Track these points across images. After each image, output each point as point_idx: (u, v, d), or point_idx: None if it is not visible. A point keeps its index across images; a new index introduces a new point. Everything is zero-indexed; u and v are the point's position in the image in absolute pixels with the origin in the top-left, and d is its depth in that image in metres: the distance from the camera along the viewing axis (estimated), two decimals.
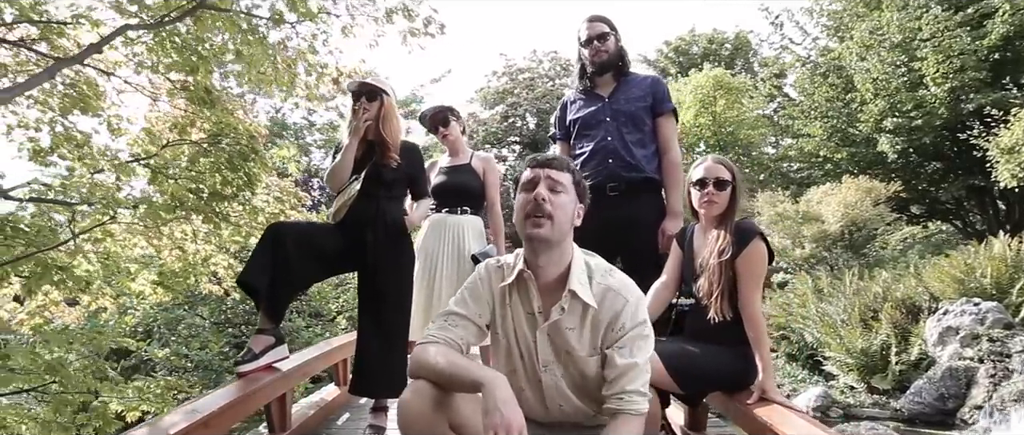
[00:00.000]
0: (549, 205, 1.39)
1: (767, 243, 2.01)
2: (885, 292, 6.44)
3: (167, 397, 3.62)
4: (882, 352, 5.90)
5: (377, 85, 2.52)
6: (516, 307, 1.49)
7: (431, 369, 1.35)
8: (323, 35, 3.25)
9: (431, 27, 3.29)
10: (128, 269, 3.61)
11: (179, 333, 7.03)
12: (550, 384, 1.48)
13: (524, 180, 1.46)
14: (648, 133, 2.62)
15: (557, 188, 1.43)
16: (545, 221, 1.39)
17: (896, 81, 9.68)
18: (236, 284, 2.37)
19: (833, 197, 8.51)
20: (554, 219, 1.39)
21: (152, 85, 3.33)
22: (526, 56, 21.51)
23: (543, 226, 1.39)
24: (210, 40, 2.95)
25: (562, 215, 1.41)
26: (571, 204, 1.44)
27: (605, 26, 2.68)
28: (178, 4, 2.65)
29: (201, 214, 3.23)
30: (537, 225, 1.38)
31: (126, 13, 2.67)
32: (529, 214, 1.40)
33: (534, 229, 1.39)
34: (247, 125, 3.23)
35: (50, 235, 2.63)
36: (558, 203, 1.41)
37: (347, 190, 2.51)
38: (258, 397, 2.14)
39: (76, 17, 2.66)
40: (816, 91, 11.36)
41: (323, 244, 2.45)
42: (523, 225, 1.42)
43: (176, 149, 3.23)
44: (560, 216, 1.40)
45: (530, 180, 1.44)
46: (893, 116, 9.68)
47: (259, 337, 2.30)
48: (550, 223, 1.39)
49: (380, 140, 2.51)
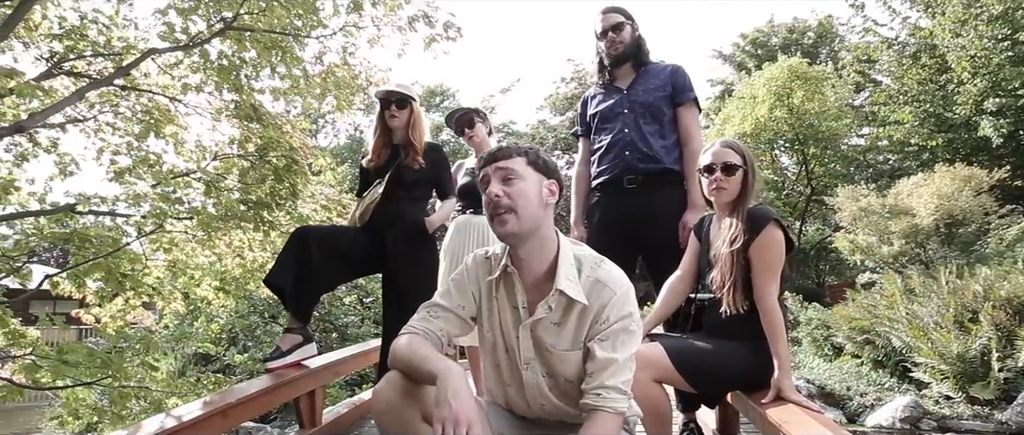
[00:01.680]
0: (506, 198, 1.35)
1: (784, 229, 1.87)
2: (987, 291, 5.73)
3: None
4: (982, 357, 5.25)
5: (407, 93, 2.61)
6: (502, 301, 1.46)
7: (402, 360, 1.35)
8: (353, 48, 3.44)
9: (450, 31, 3.37)
10: (193, 276, 3.96)
11: (259, 339, 7.56)
12: (531, 382, 1.44)
13: (479, 181, 1.43)
14: (667, 123, 2.52)
15: (510, 176, 1.37)
16: (508, 216, 1.35)
17: (998, 57, 8.66)
18: (263, 284, 2.52)
19: (925, 188, 7.72)
20: (517, 210, 1.35)
21: (211, 106, 3.65)
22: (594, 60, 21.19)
23: (508, 222, 1.35)
24: (250, 61, 3.20)
25: (524, 202, 1.36)
26: (533, 186, 1.38)
27: (620, 16, 2.61)
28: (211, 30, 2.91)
29: (250, 223, 3.49)
30: (502, 222, 1.35)
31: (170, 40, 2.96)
32: (492, 215, 1.37)
33: (500, 227, 1.36)
34: (291, 139, 3.46)
35: (113, 245, 2.94)
36: (516, 192, 1.36)
37: (371, 193, 2.61)
38: (285, 391, 2.25)
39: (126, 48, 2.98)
40: (905, 74, 10.40)
41: (346, 246, 2.55)
42: (491, 225, 1.39)
43: (228, 162, 3.52)
44: (522, 204, 1.35)
45: (482, 179, 1.41)
46: (996, 96, 8.66)
47: (288, 336, 2.43)
48: (514, 216, 1.35)
49: (408, 144, 2.60)
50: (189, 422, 1.71)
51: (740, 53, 19.24)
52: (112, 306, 3.73)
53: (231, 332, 7.56)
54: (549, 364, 1.42)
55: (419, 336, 1.42)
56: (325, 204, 4.18)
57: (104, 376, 2.68)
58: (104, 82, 3.07)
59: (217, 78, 3.13)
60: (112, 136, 3.79)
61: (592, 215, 2.61)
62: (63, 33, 3.12)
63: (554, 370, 1.42)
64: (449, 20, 3.35)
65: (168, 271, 3.69)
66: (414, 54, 21.48)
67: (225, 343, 7.54)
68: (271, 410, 5.65)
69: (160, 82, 3.55)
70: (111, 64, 3.29)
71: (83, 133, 3.67)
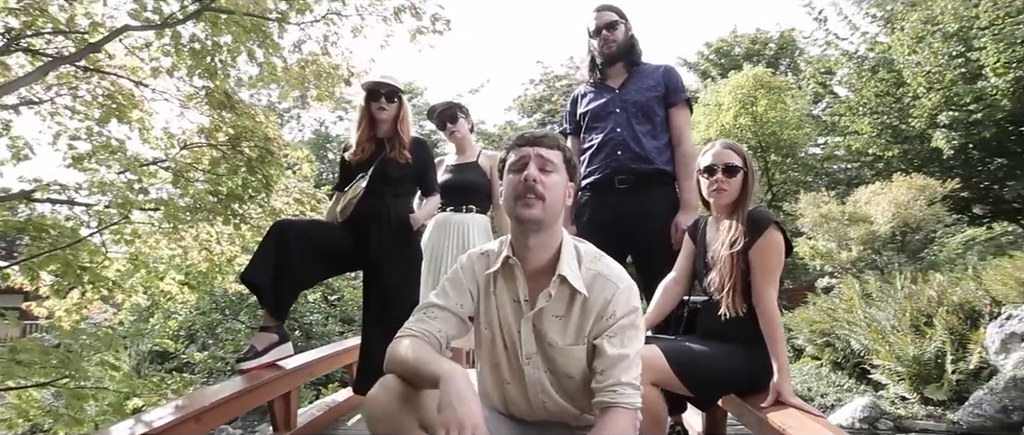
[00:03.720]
0: (541, 186, 1.31)
1: (784, 233, 1.87)
2: (940, 296, 6.00)
3: (184, 392, 3.71)
4: (936, 360, 5.49)
5: (396, 84, 2.52)
6: (501, 295, 1.41)
7: (399, 364, 1.28)
8: (334, 36, 3.31)
9: (438, 24, 3.29)
10: (156, 269, 3.74)
11: (219, 337, 7.27)
12: (533, 378, 1.40)
13: (512, 160, 1.38)
14: (660, 124, 2.51)
15: (548, 167, 1.34)
16: (537, 202, 1.31)
17: (951, 73, 9.11)
18: (239, 280, 2.40)
19: (882, 196, 8.04)
20: (546, 200, 1.31)
21: (179, 92, 3.45)
22: (563, 63, 21.43)
23: (535, 207, 1.31)
24: (225, 46, 3.03)
25: (554, 196, 1.33)
26: (562, 184, 1.36)
27: (614, 15, 2.59)
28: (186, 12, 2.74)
29: (220, 216, 3.32)
30: (528, 205, 1.31)
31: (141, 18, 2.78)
32: (520, 195, 1.32)
33: (526, 209, 1.31)
34: (264, 128, 3.31)
35: (73, 236, 2.75)
36: (550, 184, 1.33)
37: (353, 187, 2.51)
38: (258, 394, 2.13)
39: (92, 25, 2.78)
40: (864, 86, 10.83)
41: (328, 242, 2.45)
42: (513, 206, 1.34)
43: (197, 152, 3.34)
44: (552, 197, 1.32)
45: (519, 160, 1.36)
46: (949, 110, 9.10)
47: (262, 334, 2.31)
48: (542, 204, 1.31)
49: (395, 138, 2.52)
50: (161, 428, 1.59)
51: (704, 61, 19.70)
52: (67, 300, 3.50)
53: (190, 329, 7.25)
54: (551, 359, 1.38)
55: (418, 338, 1.36)
56: (298, 198, 4.03)
57: (61, 376, 2.49)
58: (71, 59, 2.86)
59: (190, 62, 2.95)
60: (71, 120, 3.56)
61: (581, 214, 2.58)
62: (20, 7, 2.89)
63: (556, 366, 1.38)
64: (437, 12, 3.27)
65: (130, 264, 3.48)
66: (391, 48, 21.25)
67: (183, 340, 7.22)
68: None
69: (127, 64, 3.33)
70: (72, 44, 3.07)
71: (38, 116, 3.43)
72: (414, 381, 1.26)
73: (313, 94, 3.47)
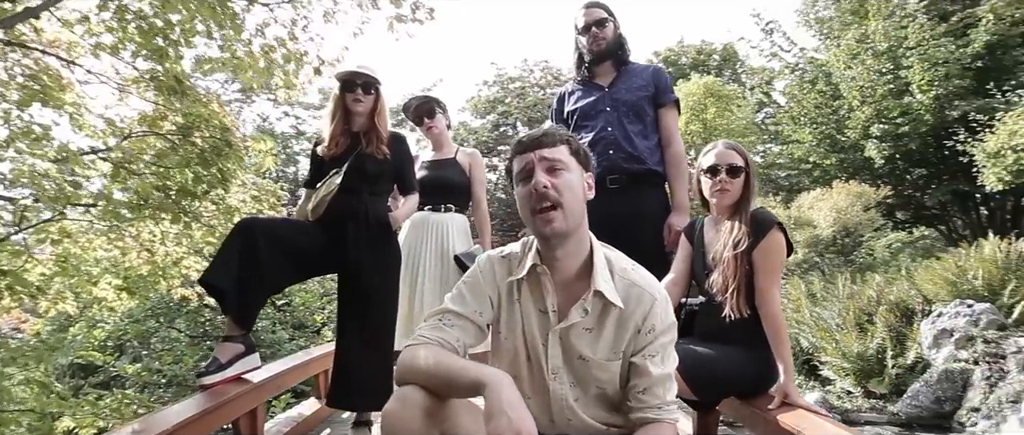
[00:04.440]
0: (554, 192, 1.21)
1: (786, 234, 1.86)
2: (879, 295, 6.36)
3: (126, 412, 3.34)
4: (878, 356, 5.80)
5: (374, 75, 2.35)
6: (526, 304, 1.30)
7: (422, 372, 1.15)
8: (304, 21, 3.07)
9: (419, 13, 3.12)
10: (89, 273, 3.35)
11: (152, 347, 6.69)
12: (559, 394, 1.30)
13: (517, 170, 1.27)
14: (650, 124, 2.48)
15: (557, 167, 1.24)
16: (555, 213, 1.20)
17: (882, 88, 9.74)
18: (198, 284, 2.15)
19: (824, 202, 8.47)
20: (564, 205, 1.21)
21: (119, 75, 3.10)
22: (517, 65, 21.51)
23: (555, 219, 1.20)
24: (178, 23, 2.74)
25: (571, 197, 1.22)
26: (578, 180, 1.26)
27: (603, 12, 2.54)
28: None
29: (169, 213, 3.00)
30: (548, 220, 1.20)
31: None
32: (535, 209, 1.22)
33: (546, 226, 1.21)
34: (222, 117, 3.01)
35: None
36: (563, 185, 1.22)
37: (327, 184, 2.32)
38: (222, 413, 1.92)
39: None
40: (804, 98, 11.42)
41: (299, 242, 2.25)
42: (532, 222, 1.24)
43: (141, 142, 3.00)
44: (569, 199, 1.22)
45: (524, 168, 1.25)
46: (880, 123, 9.72)
47: (226, 345, 2.09)
48: (561, 212, 1.21)
49: (371, 132, 2.35)
50: None
51: None
52: None
53: (120, 338, 6.63)
54: (578, 373, 1.29)
55: (437, 346, 1.24)
56: (256, 195, 3.71)
57: None
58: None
59: (139, 40, 2.63)
60: None
61: None
62: None
63: (584, 380, 1.29)
64: (417, 0, 3.07)
65: (58, 266, 3.08)
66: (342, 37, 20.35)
67: (112, 351, 6.58)
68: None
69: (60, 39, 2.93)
70: None
71: None
72: (443, 391, 1.14)
73: (278, 82, 3.20)
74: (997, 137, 7.53)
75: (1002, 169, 7.44)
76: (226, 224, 3.41)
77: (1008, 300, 5.61)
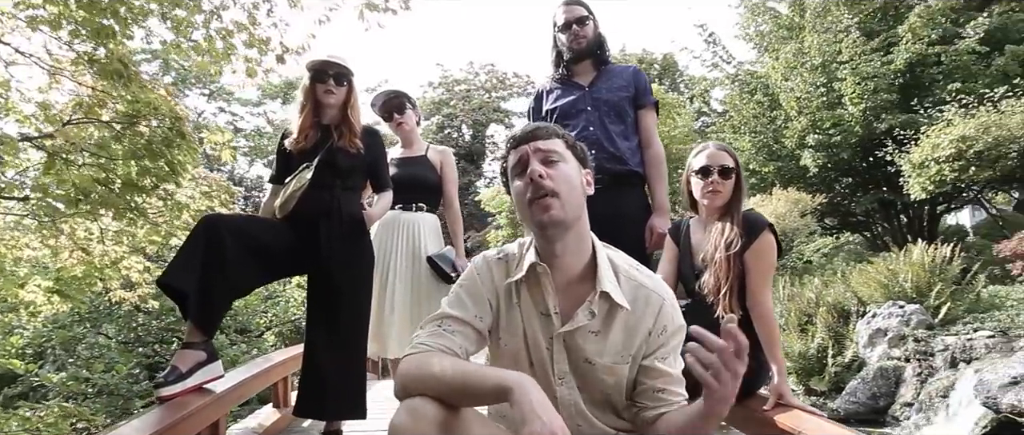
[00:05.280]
0: (550, 181, 1.18)
1: (776, 236, 1.90)
2: (818, 297, 6.71)
3: (63, 427, 3.00)
4: (818, 355, 6.12)
5: (346, 66, 2.24)
6: (526, 307, 1.26)
7: (436, 381, 1.08)
8: (267, 4, 2.88)
9: (392, 2, 3.00)
10: (15, 274, 3.00)
11: (78, 354, 6.13)
12: (568, 400, 1.26)
13: (512, 164, 1.25)
14: (630, 125, 2.49)
15: (552, 158, 1.22)
16: (552, 200, 1.17)
17: (817, 100, 10.31)
18: (156, 286, 1.97)
19: (764, 208, 8.87)
20: (561, 195, 1.18)
21: (51, 56, 2.80)
22: (462, 67, 21.50)
23: (552, 206, 1.17)
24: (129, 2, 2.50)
25: (568, 188, 1.20)
26: (575, 172, 1.24)
27: (584, 10, 2.53)
28: None
29: (111, 209, 2.73)
30: (545, 207, 1.17)
31: None
32: (532, 199, 1.18)
33: (543, 213, 1.17)
34: (172, 105, 2.77)
35: None
36: (559, 175, 1.20)
37: (297, 179, 2.19)
38: (183, 427, 1.75)
39: None
40: (744, 107, 11.93)
41: (267, 241, 2.10)
42: (528, 213, 1.20)
43: (79, 130, 2.72)
44: (565, 189, 1.19)
45: (519, 161, 1.23)
46: (814, 133, 10.28)
47: (186, 352, 1.91)
48: (558, 200, 1.17)
49: (343, 125, 2.24)
50: None
51: None
52: None
53: (40, 345, 6.02)
54: (585, 377, 1.26)
55: (443, 353, 1.17)
56: (207, 190, 3.43)
57: None
58: None
59: (83, 14, 2.35)
60: None
61: None
62: None
63: (591, 385, 1.26)
64: None
65: None
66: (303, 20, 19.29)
67: (31, 359, 5.96)
68: None
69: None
70: None
71: None
72: (460, 400, 1.08)
73: (237, 69, 2.97)
74: (921, 149, 8.13)
75: (926, 179, 8.03)
76: (174, 222, 3.16)
77: (934, 301, 6.05)
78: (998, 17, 9.47)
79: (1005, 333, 5.21)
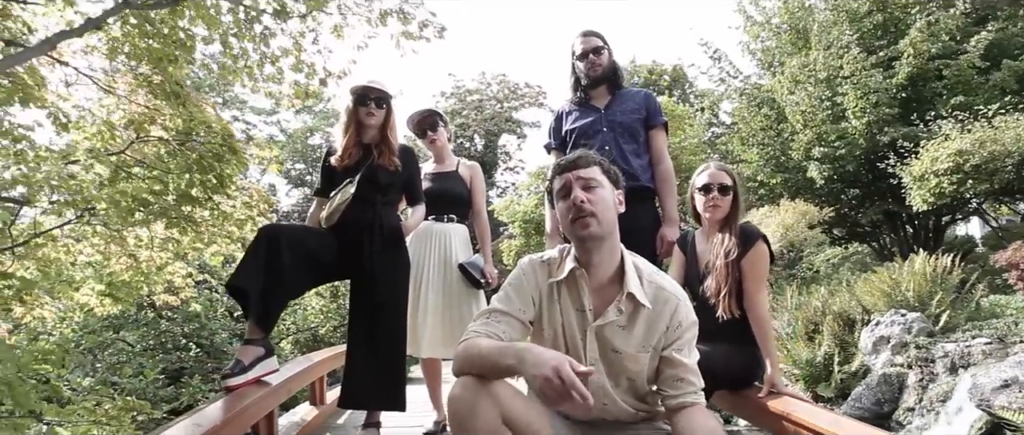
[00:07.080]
0: (589, 204, 1.45)
1: (768, 245, 2.12)
2: (824, 306, 6.85)
3: (124, 419, 3.24)
4: (825, 362, 6.25)
5: (386, 90, 2.49)
6: (565, 303, 1.53)
7: (473, 361, 1.35)
8: (313, 33, 3.14)
9: (427, 30, 3.25)
10: (72, 278, 3.25)
11: (105, 359, 6.37)
12: (597, 383, 1.50)
13: (557, 189, 1.52)
14: (642, 144, 2.73)
15: (591, 184, 1.52)
16: (590, 219, 1.45)
17: (822, 113, 10.50)
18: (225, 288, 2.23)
19: (772, 219, 9.04)
20: (598, 215, 1.46)
21: (107, 76, 3.06)
22: (475, 78, 21.78)
23: (591, 225, 1.45)
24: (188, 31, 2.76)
25: (604, 209, 1.48)
26: (610, 195, 1.52)
27: (599, 41, 2.78)
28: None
29: (166, 218, 2.98)
30: (585, 225, 1.44)
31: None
32: (574, 218, 1.46)
33: (583, 230, 1.45)
34: (223, 123, 3.03)
35: None
36: (597, 199, 1.48)
37: (341, 193, 2.43)
38: (250, 413, 1.98)
39: None
40: (752, 120, 12.13)
41: (318, 250, 2.35)
42: (571, 229, 1.48)
43: (141, 146, 2.97)
44: (602, 210, 1.47)
45: (563, 187, 1.50)
46: (820, 146, 10.47)
47: (248, 348, 2.16)
48: (596, 220, 1.45)
49: (383, 144, 2.49)
50: None
51: None
52: None
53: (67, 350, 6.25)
54: (612, 364, 1.51)
55: (486, 338, 1.44)
56: (248, 200, 3.69)
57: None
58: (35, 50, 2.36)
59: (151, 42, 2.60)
60: None
61: None
62: None
63: (617, 371, 1.50)
64: (427, 18, 3.20)
65: (39, 271, 2.97)
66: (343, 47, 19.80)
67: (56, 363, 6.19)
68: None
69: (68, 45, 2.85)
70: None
71: None
72: (491, 373, 1.32)
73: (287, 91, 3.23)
74: (921, 162, 8.30)
75: (926, 191, 8.19)
76: (217, 230, 3.41)
77: (935, 309, 6.18)
78: (995, 33, 9.66)
79: (1002, 340, 5.35)
